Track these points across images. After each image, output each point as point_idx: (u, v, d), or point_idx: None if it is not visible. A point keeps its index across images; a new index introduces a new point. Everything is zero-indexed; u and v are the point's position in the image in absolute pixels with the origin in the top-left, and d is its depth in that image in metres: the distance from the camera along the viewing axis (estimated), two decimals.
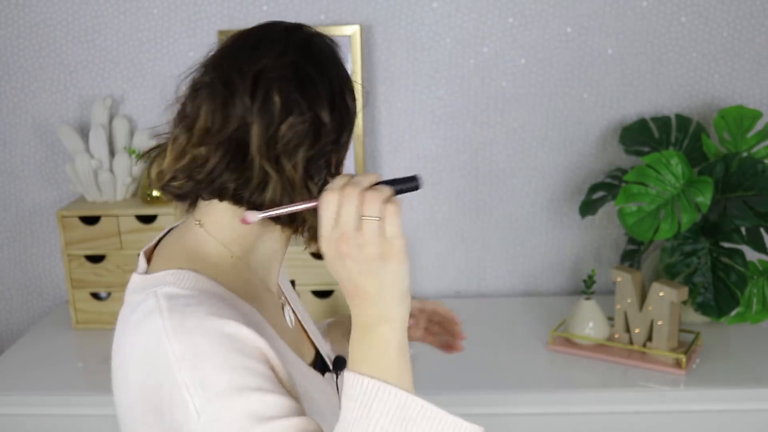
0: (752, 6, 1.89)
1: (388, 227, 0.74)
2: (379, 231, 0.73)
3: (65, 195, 2.05)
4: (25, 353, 1.81)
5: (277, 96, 0.82)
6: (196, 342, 0.77)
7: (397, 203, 0.75)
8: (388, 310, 0.74)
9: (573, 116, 1.97)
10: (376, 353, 0.74)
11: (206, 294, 0.83)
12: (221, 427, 0.74)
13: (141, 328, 0.80)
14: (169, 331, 0.77)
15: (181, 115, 0.89)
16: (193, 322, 0.78)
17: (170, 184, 0.87)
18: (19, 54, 1.99)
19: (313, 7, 1.91)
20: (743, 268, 1.67)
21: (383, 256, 0.73)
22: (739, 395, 1.56)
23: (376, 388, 0.72)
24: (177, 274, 0.85)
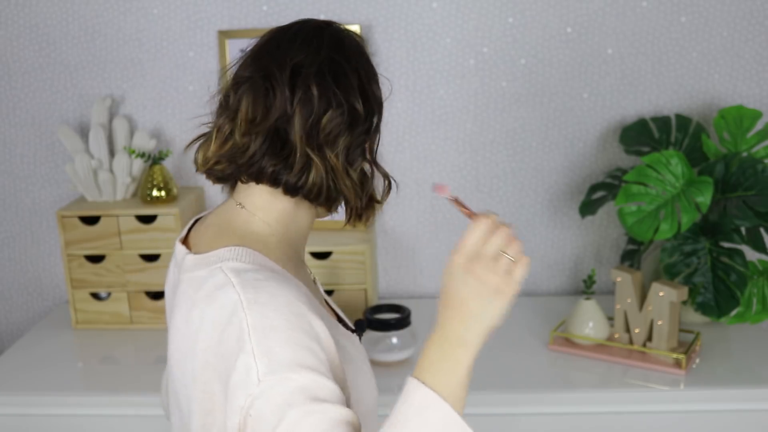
0: (752, 6, 1.89)
1: (517, 270, 0.82)
2: (509, 270, 0.81)
3: (65, 195, 2.05)
4: (25, 353, 1.81)
5: (315, 89, 0.92)
6: (268, 315, 0.84)
7: (529, 258, 0.84)
8: (475, 336, 0.81)
9: (573, 116, 1.97)
10: (447, 369, 0.80)
11: (266, 268, 0.90)
12: (277, 396, 0.80)
13: (214, 301, 0.87)
14: (244, 303, 0.84)
15: (224, 106, 0.96)
16: (265, 297, 0.85)
17: (214, 168, 0.96)
18: (19, 54, 1.99)
19: (313, 7, 1.91)
20: (743, 268, 1.66)
21: (500, 290, 0.80)
22: (739, 395, 1.56)
23: (434, 401, 0.79)
24: (234, 250, 0.92)
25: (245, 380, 0.81)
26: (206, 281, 0.89)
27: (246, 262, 0.90)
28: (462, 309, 0.81)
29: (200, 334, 0.88)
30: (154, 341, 1.84)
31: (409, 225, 2.05)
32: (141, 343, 1.85)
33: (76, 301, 1.89)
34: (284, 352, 0.82)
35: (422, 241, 2.06)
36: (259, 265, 0.91)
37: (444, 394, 0.79)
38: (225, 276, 0.88)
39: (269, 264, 0.93)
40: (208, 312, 0.87)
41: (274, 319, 0.83)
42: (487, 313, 0.81)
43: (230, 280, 0.87)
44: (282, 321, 0.83)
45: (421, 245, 2.06)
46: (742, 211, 1.64)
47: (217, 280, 0.88)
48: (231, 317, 0.84)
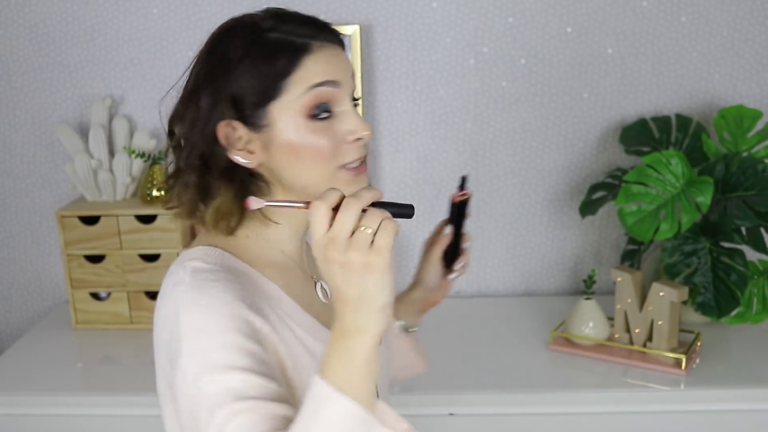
0: (752, 6, 1.89)
1: (378, 239, 0.77)
2: (368, 242, 0.77)
3: (65, 195, 2.05)
4: (25, 353, 1.81)
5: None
6: (203, 318, 0.86)
7: (395, 222, 0.78)
8: (365, 320, 0.78)
9: (573, 116, 1.97)
10: (344, 361, 0.78)
11: (228, 269, 0.92)
12: (204, 396, 0.82)
13: (169, 297, 0.90)
14: (186, 304, 0.87)
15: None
16: (206, 299, 0.86)
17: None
18: (19, 54, 1.98)
19: (313, 7, 1.91)
20: (743, 268, 1.66)
21: (367, 266, 0.76)
22: (739, 395, 1.56)
23: (330, 394, 0.76)
24: (205, 249, 0.95)
25: (182, 379, 0.84)
26: (171, 276, 0.92)
27: (209, 262, 0.92)
28: (343, 298, 0.78)
29: (158, 330, 0.91)
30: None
31: (409, 225, 2.05)
32: (141, 343, 1.84)
33: (76, 301, 1.89)
34: (214, 354, 0.84)
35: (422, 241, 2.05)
36: (221, 266, 0.92)
37: (343, 387, 0.77)
38: (183, 274, 0.90)
39: (236, 265, 0.94)
40: (163, 310, 0.90)
41: (208, 322, 0.85)
42: (366, 292, 0.77)
43: (185, 279, 0.89)
44: (215, 324, 0.85)
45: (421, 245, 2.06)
46: (743, 211, 1.64)
47: (177, 277, 0.91)
48: (176, 318, 0.87)
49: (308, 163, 0.92)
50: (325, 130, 0.92)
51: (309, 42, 0.93)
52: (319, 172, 0.93)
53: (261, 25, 0.93)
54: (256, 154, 0.94)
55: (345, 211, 0.77)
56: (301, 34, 0.93)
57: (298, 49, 0.92)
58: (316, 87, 0.91)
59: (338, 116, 0.94)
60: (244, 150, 0.93)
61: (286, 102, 0.91)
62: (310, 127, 0.92)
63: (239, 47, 0.91)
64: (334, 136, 0.93)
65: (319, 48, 0.93)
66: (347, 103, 0.95)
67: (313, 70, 0.91)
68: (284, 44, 0.92)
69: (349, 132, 0.94)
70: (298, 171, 0.93)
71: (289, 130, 0.92)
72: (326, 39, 0.95)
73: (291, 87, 0.91)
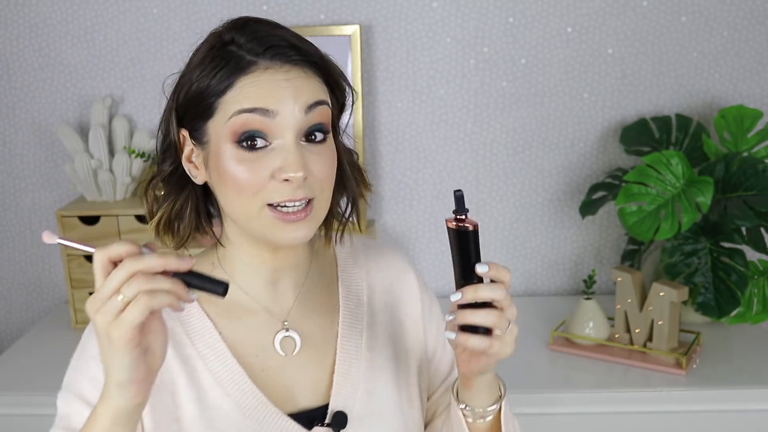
0: (752, 6, 1.89)
1: (126, 312, 0.72)
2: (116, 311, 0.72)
3: (65, 195, 2.05)
4: (25, 353, 1.81)
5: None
6: (85, 340, 0.92)
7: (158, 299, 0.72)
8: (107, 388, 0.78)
9: (573, 116, 1.97)
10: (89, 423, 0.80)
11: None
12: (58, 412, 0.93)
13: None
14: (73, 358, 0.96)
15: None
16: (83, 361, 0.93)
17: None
18: (19, 54, 1.98)
19: (313, 7, 1.91)
20: (744, 268, 1.66)
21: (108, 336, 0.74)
22: (739, 395, 1.56)
23: None
24: None
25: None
26: None
27: None
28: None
29: None
30: None
31: (409, 225, 2.05)
32: None
33: (76, 301, 1.89)
34: (75, 375, 0.92)
35: (422, 241, 2.06)
36: None
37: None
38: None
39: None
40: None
41: (85, 345, 0.91)
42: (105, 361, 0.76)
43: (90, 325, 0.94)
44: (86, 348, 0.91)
45: (421, 245, 2.06)
46: (743, 211, 1.64)
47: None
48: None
49: (232, 192, 0.85)
50: (251, 162, 0.83)
51: (256, 60, 0.83)
52: (242, 205, 0.85)
53: (223, 36, 0.86)
54: (200, 171, 0.89)
55: (116, 269, 0.72)
56: (252, 49, 0.84)
57: (237, 67, 0.83)
58: (242, 113, 0.82)
59: (274, 149, 0.83)
60: (193, 163, 0.89)
61: (218, 122, 0.84)
62: (236, 155, 0.83)
63: (199, 55, 0.87)
64: (261, 171, 0.83)
65: (264, 69, 0.83)
66: (288, 137, 0.83)
67: (244, 93, 0.82)
68: (230, 59, 0.84)
69: (278, 169, 0.83)
70: (226, 198, 0.86)
71: (220, 153, 0.85)
72: (281, 58, 0.84)
73: (222, 107, 0.84)
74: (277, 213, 0.84)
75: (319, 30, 1.87)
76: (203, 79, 0.84)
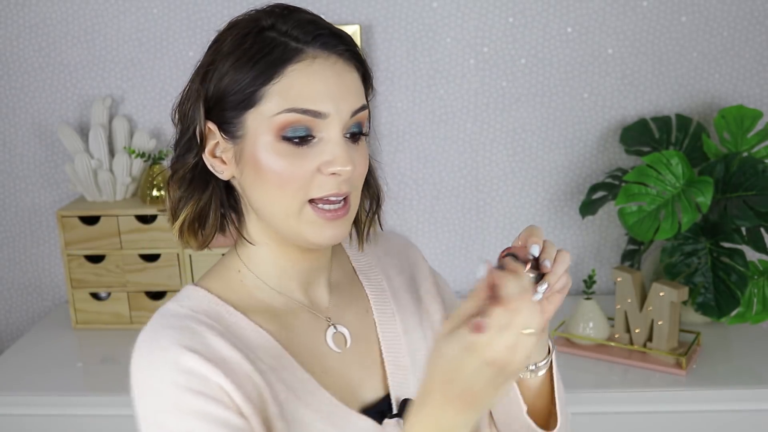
0: (752, 6, 1.89)
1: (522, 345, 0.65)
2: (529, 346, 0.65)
3: (65, 195, 2.05)
4: (25, 353, 1.81)
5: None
6: (154, 378, 0.78)
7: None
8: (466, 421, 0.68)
9: (573, 116, 1.97)
10: None
11: (198, 314, 0.82)
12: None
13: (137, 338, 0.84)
14: (135, 357, 0.82)
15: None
16: (157, 354, 0.79)
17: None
18: (19, 54, 1.98)
19: (313, 7, 1.90)
20: (744, 268, 1.66)
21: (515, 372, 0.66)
22: (739, 395, 1.56)
23: None
24: (188, 290, 0.87)
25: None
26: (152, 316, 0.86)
27: (183, 305, 0.84)
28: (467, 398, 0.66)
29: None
30: None
31: (409, 225, 2.05)
32: None
33: (76, 301, 1.89)
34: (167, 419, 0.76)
35: (422, 241, 2.06)
36: (194, 310, 0.83)
37: None
38: (153, 316, 0.84)
39: (217, 308, 0.84)
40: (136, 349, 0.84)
41: (159, 384, 0.78)
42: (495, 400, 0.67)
43: (149, 322, 0.84)
44: (168, 385, 0.77)
45: (421, 245, 2.05)
46: (743, 211, 1.64)
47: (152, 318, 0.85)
48: (131, 368, 0.82)
49: (271, 188, 0.80)
50: (296, 156, 0.79)
51: (302, 48, 0.79)
52: (283, 202, 0.80)
53: (260, 22, 0.81)
54: (228, 166, 0.83)
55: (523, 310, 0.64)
56: (298, 36, 0.80)
57: (285, 55, 0.79)
58: (292, 112, 0.78)
59: (320, 142, 0.80)
60: (218, 158, 0.83)
61: (262, 113, 0.79)
62: (280, 148, 0.79)
63: (230, 42, 0.80)
64: (306, 165, 0.79)
65: (312, 58, 0.79)
66: (333, 132, 0.80)
67: (297, 87, 0.78)
68: (274, 46, 0.79)
69: (325, 163, 0.79)
70: (263, 195, 0.81)
71: (259, 146, 0.80)
72: (328, 47, 0.81)
73: (268, 98, 0.79)
74: (319, 211, 0.80)
75: None
76: (242, 66, 0.79)
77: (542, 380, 0.95)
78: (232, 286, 0.87)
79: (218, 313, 0.84)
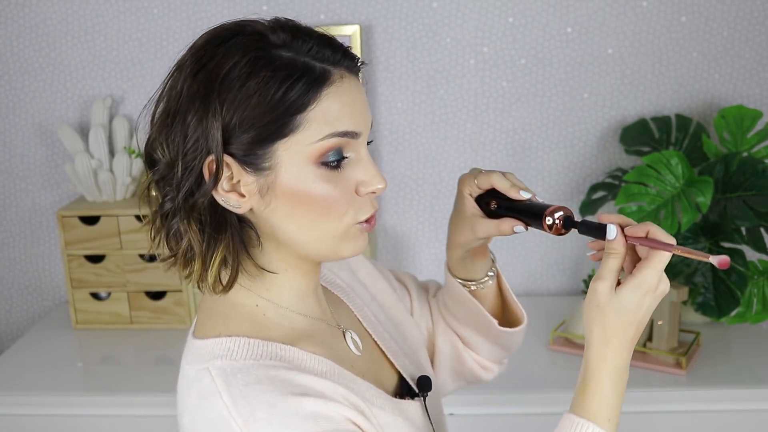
0: (752, 6, 1.89)
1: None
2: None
3: (65, 195, 2.05)
4: (25, 353, 1.81)
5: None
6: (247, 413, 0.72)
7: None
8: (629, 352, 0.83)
9: (573, 116, 1.97)
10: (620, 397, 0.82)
11: (263, 361, 0.77)
12: None
13: (201, 412, 0.75)
14: (239, 421, 0.72)
15: None
16: (263, 411, 0.72)
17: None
18: (19, 54, 1.98)
19: (313, 7, 1.91)
20: (743, 268, 1.66)
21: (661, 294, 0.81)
22: (739, 395, 1.56)
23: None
24: (225, 343, 0.79)
25: None
26: (194, 384, 0.77)
27: (236, 358, 0.77)
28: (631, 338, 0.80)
29: None
30: (154, 341, 1.84)
31: (409, 225, 2.05)
32: (141, 343, 1.85)
33: (76, 301, 1.89)
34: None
35: (422, 241, 2.06)
36: (258, 359, 0.77)
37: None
38: (211, 381, 0.75)
39: (271, 350, 0.79)
40: (198, 424, 0.75)
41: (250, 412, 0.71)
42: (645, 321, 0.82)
43: (217, 388, 0.74)
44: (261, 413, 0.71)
45: (421, 245, 2.06)
46: (743, 211, 1.64)
47: (203, 385, 0.76)
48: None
49: (316, 217, 0.77)
50: (335, 180, 0.77)
51: (328, 69, 0.76)
52: (328, 228, 0.78)
53: (270, 39, 0.75)
54: (247, 198, 0.77)
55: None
56: (319, 56, 0.76)
57: (317, 78, 0.75)
58: (334, 137, 0.76)
59: (350, 163, 0.78)
60: (234, 191, 0.77)
61: (298, 142, 0.75)
62: (321, 174, 0.76)
63: (242, 64, 0.73)
64: (346, 187, 0.78)
65: (340, 79, 0.76)
66: (362, 149, 0.79)
67: (334, 110, 0.75)
68: (299, 68, 0.74)
69: (362, 183, 0.79)
70: (300, 225, 0.78)
71: (296, 175, 0.76)
72: (346, 66, 0.78)
73: (305, 125, 0.75)
74: (361, 225, 0.80)
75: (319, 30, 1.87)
76: (271, 92, 0.73)
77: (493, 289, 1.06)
78: (261, 323, 0.82)
79: (275, 353, 0.79)
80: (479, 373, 1.09)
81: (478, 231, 0.95)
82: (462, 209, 0.96)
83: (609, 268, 0.80)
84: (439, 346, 1.08)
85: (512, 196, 0.91)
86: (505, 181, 0.91)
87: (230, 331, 0.80)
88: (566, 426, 0.84)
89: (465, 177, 0.97)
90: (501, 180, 0.91)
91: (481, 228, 0.94)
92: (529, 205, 0.90)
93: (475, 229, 0.95)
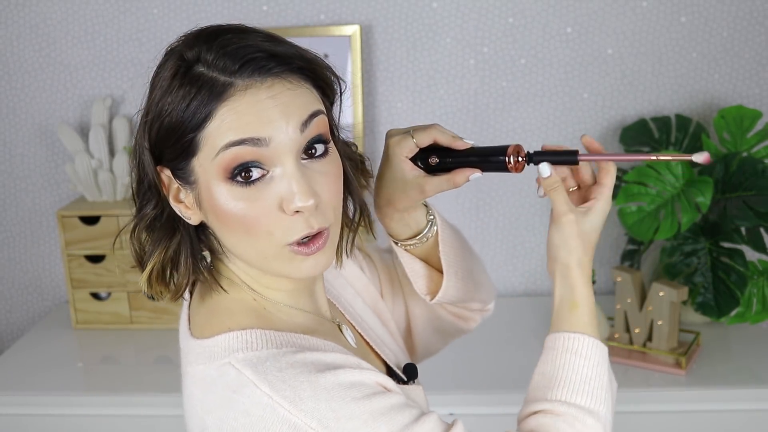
0: (752, 6, 1.89)
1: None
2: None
3: (65, 195, 2.05)
4: (25, 353, 1.81)
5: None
6: (328, 407, 0.71)
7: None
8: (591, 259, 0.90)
9: (573, 116, 1.97)
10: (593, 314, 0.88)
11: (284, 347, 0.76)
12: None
13: (234, 406, 0.73)
14: (286, 406, 0.71)
15: None
16: (307, 389, 0.71)
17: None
18: (19, 54, 1.99)
19: (313, 7, 1.91)
20: (743, 268, 1.66)
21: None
22: (739, 395, 1.56)
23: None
24: (241, 336, 0.77)
25: None
26: (216, 382, 0.75)
27: (259, 348, 0.75)
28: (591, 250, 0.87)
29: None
30: (154, 341, 1.84)
31: None
32: (141, 343, 1.85)
33: (76, 301, 1.89)
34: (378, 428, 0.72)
35: None
36: (280, 346, 0.76)
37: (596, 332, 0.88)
38: (239, 374, 0.73)
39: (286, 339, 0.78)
40: (231, 419, 0.73)
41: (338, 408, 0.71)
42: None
43: (249, 379, 0.73)
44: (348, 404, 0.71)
45: None
46: (742, 211, 1.64)
47: (229, 379, 0.74)
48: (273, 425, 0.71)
49: (241, 235, 0.75)
50: (251, 197, 0.73)
51: (232, 81, 0.72)
52: (255, 246, 0.76)
53: (185, 55, 0.75)
54: (193, 210, 0.78)
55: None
56: (226, 68, 0.72)
57: (213, 93, 0.72)
58: (229, 147, 0.72)
59: (273, 179, 0.74)
60: (182, 203, 0.78)
61: (204, 160, 0.74)
62: (232, 193, 0.74)
63: (160, 86, 0.75)
64: (265, 204, 0.74)
65: (244, 90, 0.72)
66: (288, 163, 0.73)
67: (227, 123, 0.72)
68: (201, 84, 0.72)
69: (284, 200, 0.74)
70: (233, 239, 0.77)
71: (213, 192, 0.74)
72: (262, 72, 0.73)
73: (204, 142, 0.73)
74: (295, 250, 0.76)
75: (319, 30, 1.87)
76: (175, 111, 0.73)
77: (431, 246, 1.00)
78: (266, 317, 0.82)
79: (292, 341, 0.78)
80: (461, 325, 1.08)
81: (427, 190, 0.90)
82: (399, 173, 0.91)
83: (564, 200, 0.86)
84: (412, 310, 1.06)
85: (458, 146, 0.90)
86: (446, 133, 0.91)
87: (241, 325, 0.78)
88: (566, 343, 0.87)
89: (397, 139, 0.93)
90: (443, 134, 0.91)
91: (431, 186, 0.90)
92: (476, 150, 0.90)
93: (424, 189, 0.90)
